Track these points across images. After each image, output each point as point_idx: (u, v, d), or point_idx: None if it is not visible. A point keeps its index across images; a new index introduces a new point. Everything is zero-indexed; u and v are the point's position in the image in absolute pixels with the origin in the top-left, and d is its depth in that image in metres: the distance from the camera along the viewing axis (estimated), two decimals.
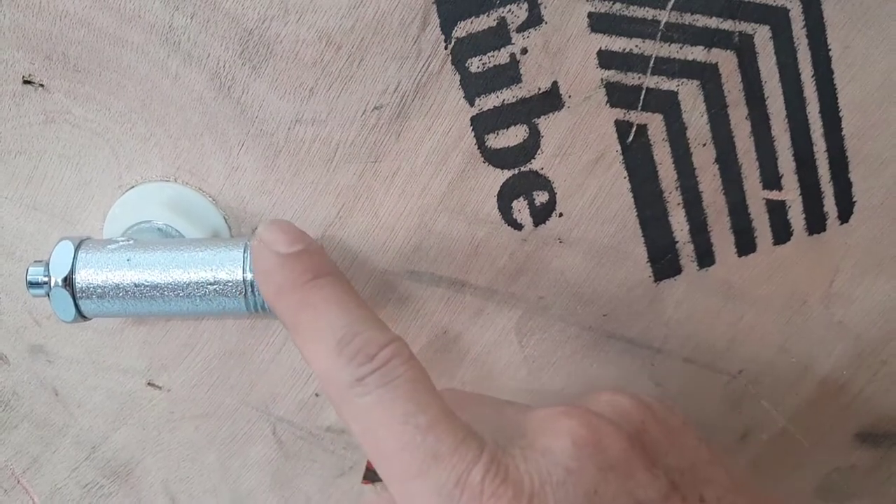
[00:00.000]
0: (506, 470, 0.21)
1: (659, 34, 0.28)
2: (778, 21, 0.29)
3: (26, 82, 0.28)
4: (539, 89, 0.29)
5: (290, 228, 0.25)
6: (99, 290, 0.27)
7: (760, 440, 0.37)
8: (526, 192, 0.30)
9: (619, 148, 0.30)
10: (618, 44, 0.28)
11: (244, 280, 0.27)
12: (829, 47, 0.29)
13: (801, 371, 0.35)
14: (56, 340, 0.33)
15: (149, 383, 0.34)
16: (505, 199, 0.31)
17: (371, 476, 0.24)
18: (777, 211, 0.31)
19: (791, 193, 0.31)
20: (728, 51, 0.29)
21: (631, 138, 0.30)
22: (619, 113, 0.29)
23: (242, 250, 0.27)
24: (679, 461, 0.23)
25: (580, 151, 0.30)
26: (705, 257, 0.32)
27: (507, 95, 0.29)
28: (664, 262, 0.32)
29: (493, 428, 0.23)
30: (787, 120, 0.30)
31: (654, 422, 0.24)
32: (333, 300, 0.23)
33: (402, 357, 0.22)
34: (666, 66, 0.29)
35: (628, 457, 0.22)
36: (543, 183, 0.30)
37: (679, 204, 0.31)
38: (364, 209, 0.31)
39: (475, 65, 0.28)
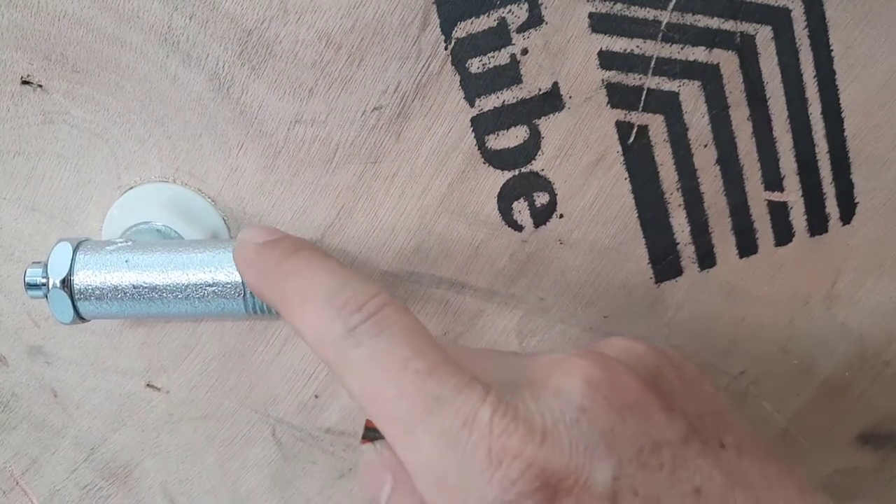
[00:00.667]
0: (515, 409, 0.20)
1: (660, 35, 0.28)
2: (780, 21, 0.28)
3: (25, 83, 0.28)
4: (539, 90, 0.29)
5: (264, 227, 0.25)
6: (97, 292, 0.27)
7: None
8: (526, 193, 0.30)
9: (619, 149, 0.30)
10: (619, 44, 0.28)
11: (243, 282, 0.27)
12: (832, 48, 0.29)
13: (802, 372, 0.35)
14: (55, 342, 0.32)
15: (148, 385, 0.34)
16: (505, 200, 0.30)
17: (370, 434, 0.24)
18: (779, 212, 0.31)
19: (793, 194, 0.31)
20: (729, 51, 0.29)
21: (632, 139, 0.30)
22: (619, 114, 0.29)
23: None
24: (697, 407, 0.22)
25: (581, 152, 0.30)
26: (706, 259, 0.32)
27: (508, 96, 0.29)
28: (665, 264, 0.32)
29: (498, 375, 0.22)
30: (788, 121, 0.30)
31: (670, 368, 0.23)
32: (316, 265, 0.23)
33: (393, 306, 0.21)
34: (667, 67, 0.29)
35: (644, 398, 0.21)
36: (544, 184, 0.30)
37: (680, 205, 0.31)
38: (364, 210, 0.30)
39: (475, 65, 0.28)
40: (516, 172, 0.30)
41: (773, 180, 0.31)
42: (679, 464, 0.20)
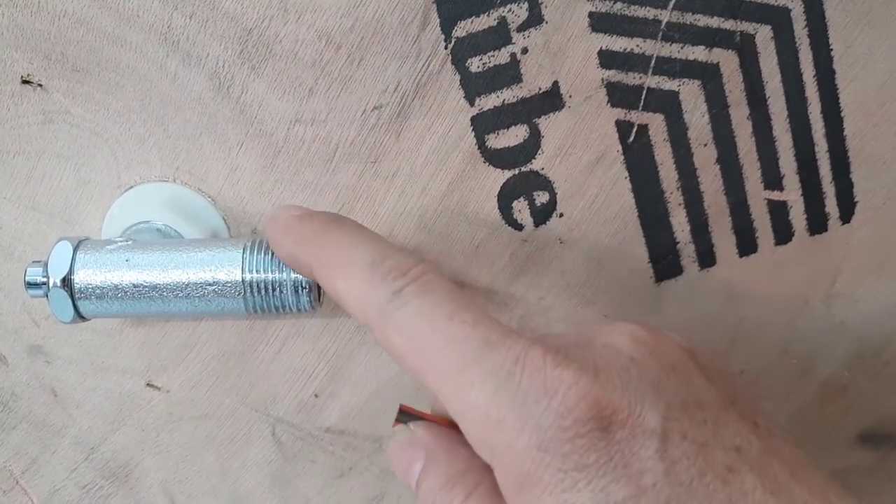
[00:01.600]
0: (566, 351, 0.20)
1: (660, 34, 0.28)
2: (779, 21, 0.28)
3: (25, 82, 0.28)
4: (540, 89, 0.29)
5: (297, 206, 0.26)
6: (97, 291, 0.27)
7: None
8: (526, 192, 0.30)
9: (619, 148, 0.30)
10: (619, 43, 0.28)
11: (243, 281, 0.27)
12: (831, 47, 0.29)
13: (802, 372, 0.35)
14: (55, 341, 0.32)
15: (148, 384, 0.34)
16: (505, 199, 0.30)
17: (403, 418, 0.24)
18: (778, 211, 0.31)
19: (792, 194, 0.31)
20: (729, 50, 0.29)
21: (632, 138, 0.30)
22: (619, 113, 0.29)
23: (241, 251, 0.27)
24: (730, 388, 0.23)
25: (581, 151, 0.30)
26: (706, 258, 0.32)
27: (508, 95, 0.29)
28: (665, 263, 0.32)
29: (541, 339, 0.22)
30: (788, 120, 0.30)
31: (700, 354, 0.24)
32: (359, 234, 0.23)
33: (434, 273, 0.22)
34: (667, 66, 0.29)
35: (686, 363, 0.22)
36: (544, 183, 0.30)
37: (680, 204, 0.31)
38: (364, 209, 0.30)
39: (475, 64, 0.28)
40: (516, 171, 0.30)
41: (772, 179, 0.31)
42: (720, 423, 0.21)
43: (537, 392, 0.19)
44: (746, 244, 0.32)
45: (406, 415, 0.24)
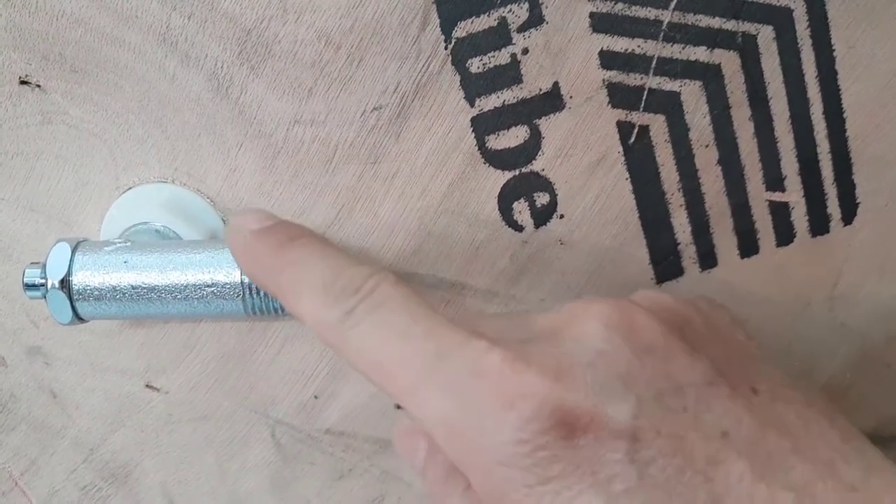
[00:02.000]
0: (526, 355, 0.19)
1: (661, 34, 0.28)
2: (781, 21, 0.28)
3: (23, 83, 0.28)
4: (540, 90, 0.29)
5: (259, 210, 0.25)
6: (96, 292, 0.27)
7: None
8: (527, 193, 0.30)
9: (620, 149, 0.30)
10: (620, 44, 0.28)
11: (242, 282, 0.27)
12: (834, 47, 0.29)
13: (804, 374, 0.35)
14: (53, 342, 0.32)
15: (147, 385, 0.34)
16: (506, 200, 0.30)
17: None
18: (780, 212, 0.31)
19: (794, 195, 0.31)
20: (731, 51, 0.29)
21: (633, 139, 0.30)
22: (620, 114, 0.29)
23: None
24: (725, 352, 0.21)
25: (581, 152, 0.30)
26: (708, 259, 0.32)
27: (508, 96, 0.29)
28: (666, 264, 0.32)
29: (511, 334, 0.21)
30: (790, 121, 0.30)
31: (697, 315, 0.22)
32: (313, 253, 0.23)
33: (388, 282, 0.21)
34: (668, 67, 0.29)
35: (666, 342, 0.20)
36: (544, 184, 0.30)
37: (681, 205, 0.31)
38: (363, 210, 0.30)
39: (475, 65, 0.28)
40: (517, 173, 0.30)
41: (774, 180, 0.31)
42: (703, 407, 0.19)
43: (493, 406, 0.19)
44: (748, 245, 0.32)
45: None
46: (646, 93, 0.29)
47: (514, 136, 0.29)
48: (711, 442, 0.19)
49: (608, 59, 0.28)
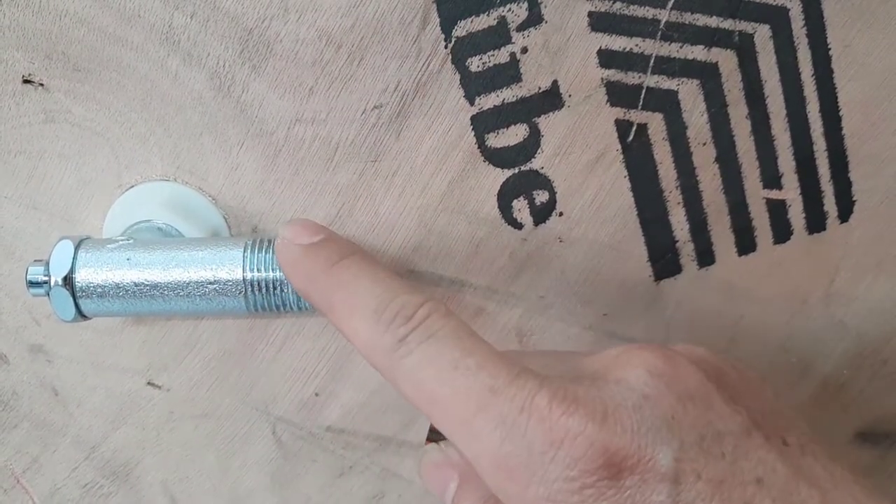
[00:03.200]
0: (574, 394, 0.20)
1: (659, 33, 0.28)
2: (778, 20, 0.29)
3: (26, 81, 0.28)
4: (539, 88, 0.29)
5: (308, 223, 0.26)
6: (99, 290, 0.27)
7: None
8: (526, 191, 0.30)
9: (619, 147, 0.30)
10: (618, 43, 0.28)
11: (244, 279, 0.27)
12: (830, 46, 0.29)
13: (801, 370, 0.35)
14: (56, 340, 0.32)
15: (148, 383, 0.34)
16: (505, 198, 0.31)
17: (434, 437, 0.24)
18: (777, 210, 0.31)
19: (791, 193, 0.31)
20: (728, 50, 0.29)
21: (631, 137, 0.30)
22: (619, 112, 0.29)
23: (242, 250, 0.27)
24: (759, 404, 0.22)
25: (580, 151, 0.30)
26: (705, 256, 0.32)
27: (508, 94, 0.29)
28: (664, 262, 0.32)
29: (558, 371, 0.22)
30: (787, 119, 0.30)
31: (731, 369, 0.23)
32: (363, 275, 0.23)
33: (439, 312, 0.22)
34: (666, 66, 0.29)
35: (707, 389, 0.21)
36: (544, 182, 0.30)
37: (679, 203, 0.31)
38: (364, 208, 0.31)
39: (475, 64, 0.28)
40: (516, 171, 0.30)
41: (771, 178, 0.31)
42: (741, 454, 0.20)
43: (543, 442, 0.19)
44: (745, 243, 0.32)
45: (437, 433, 0.24)
46: (644, 91, 0.29)
47: (513, 135, 0.29)
48: (748, 487, 0.19)
49: (607, 58, 0.29)
